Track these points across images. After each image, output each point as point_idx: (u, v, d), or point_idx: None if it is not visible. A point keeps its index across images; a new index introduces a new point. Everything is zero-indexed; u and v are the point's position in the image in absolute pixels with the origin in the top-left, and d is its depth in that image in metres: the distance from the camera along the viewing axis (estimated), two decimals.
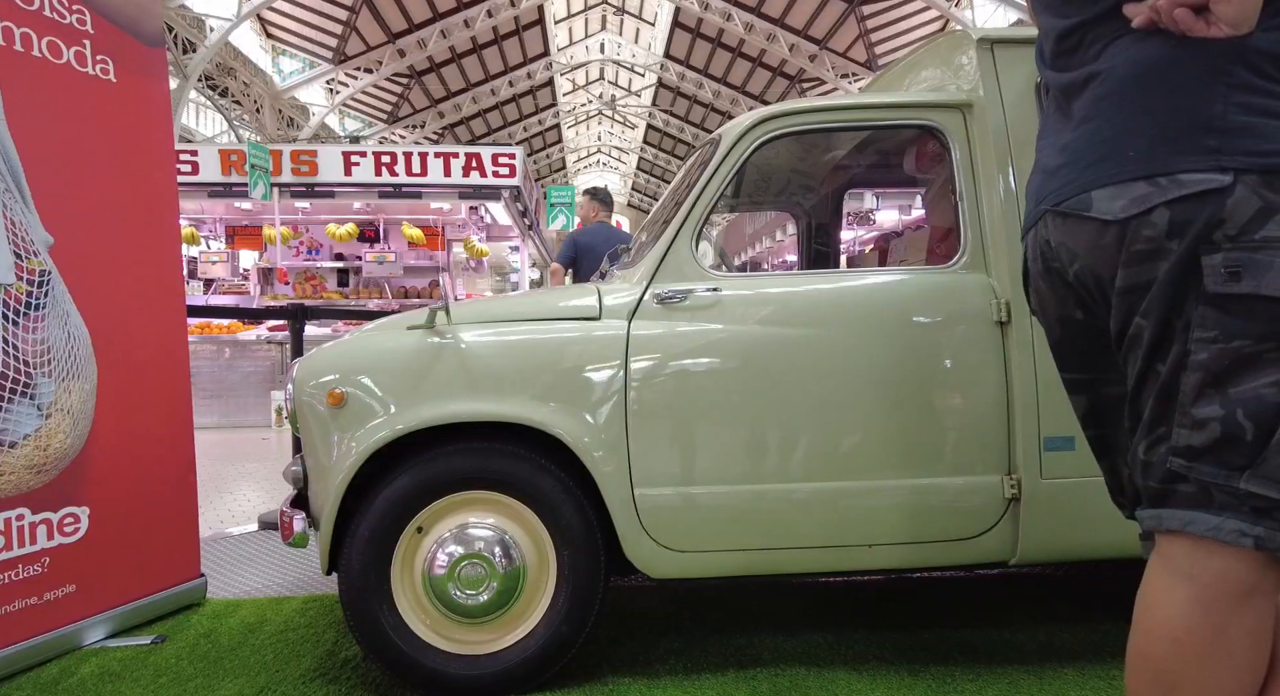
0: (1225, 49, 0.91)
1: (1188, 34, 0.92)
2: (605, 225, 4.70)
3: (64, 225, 2.02)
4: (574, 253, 4.54)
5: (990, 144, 1.84)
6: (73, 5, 2.07)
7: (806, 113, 1.89)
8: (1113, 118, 1.00)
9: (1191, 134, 0.92)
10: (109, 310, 2.11)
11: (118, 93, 2.17)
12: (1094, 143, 1.02)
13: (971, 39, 1.88)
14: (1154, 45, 0.95)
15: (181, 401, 2.31)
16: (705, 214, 1.84)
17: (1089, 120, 1.03)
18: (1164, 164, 0.92)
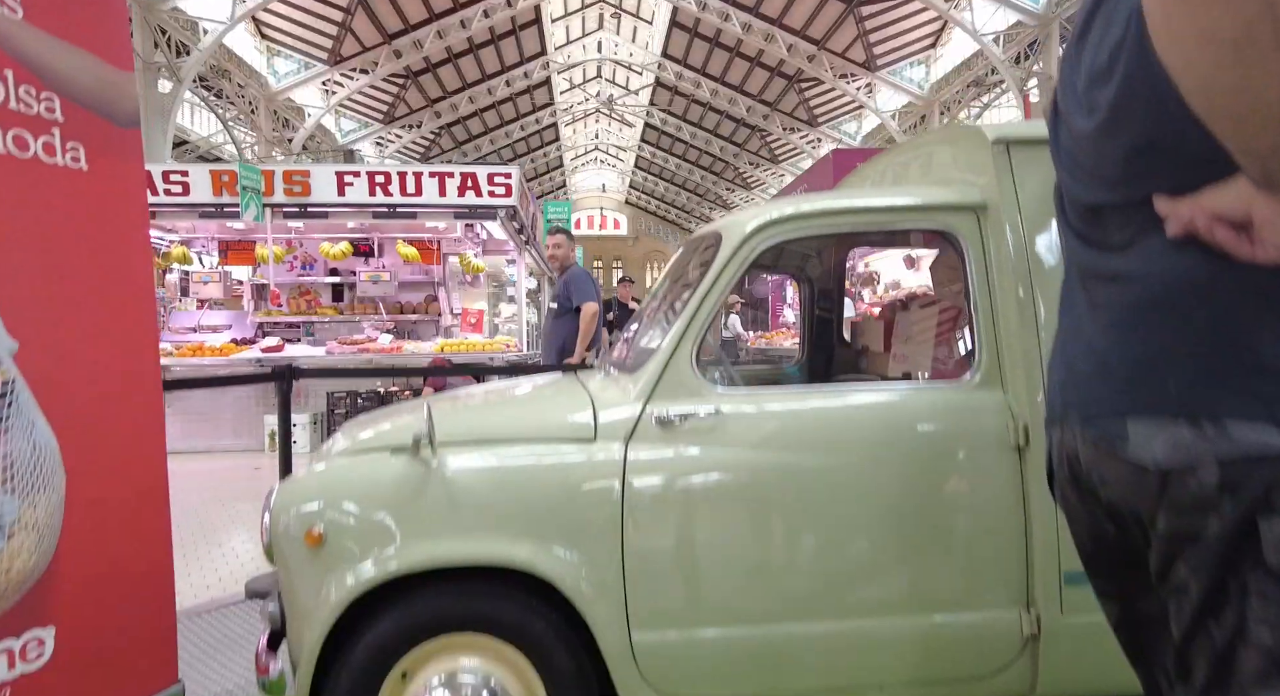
0: (1275, 274, 0.82)
1: (1231, 255, 0.82)
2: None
3: (30, 328, 1.91)
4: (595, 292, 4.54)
5: (1007, 250, 1.75)
6: (41, 94, 1.96)
7: (813, 217, 1.80)
8: (1147, 334, 0.90)
9: (1239, 373, 0.83)
10: (79, 413, 2.01)
11: (89, 180, 2.06)
12: (1126, 358, 0.92)
13: (985, 138, 1.78)
14: (1192, 257, 0.86)
15: (157, 502, 2.21)
16: (706, 323, 1.75)
17: (1120, 327, 0.94)
18: (1209, 406, 0.83)
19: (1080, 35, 1.05)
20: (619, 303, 8.06)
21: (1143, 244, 0.92)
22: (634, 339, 2.18)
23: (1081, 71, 1.00)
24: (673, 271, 2.37)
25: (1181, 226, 0.85)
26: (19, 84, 1.91)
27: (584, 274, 4.54)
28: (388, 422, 1.92)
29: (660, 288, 2.42)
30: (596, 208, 48.69)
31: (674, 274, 2.32)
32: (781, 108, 27.32)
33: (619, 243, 49.23)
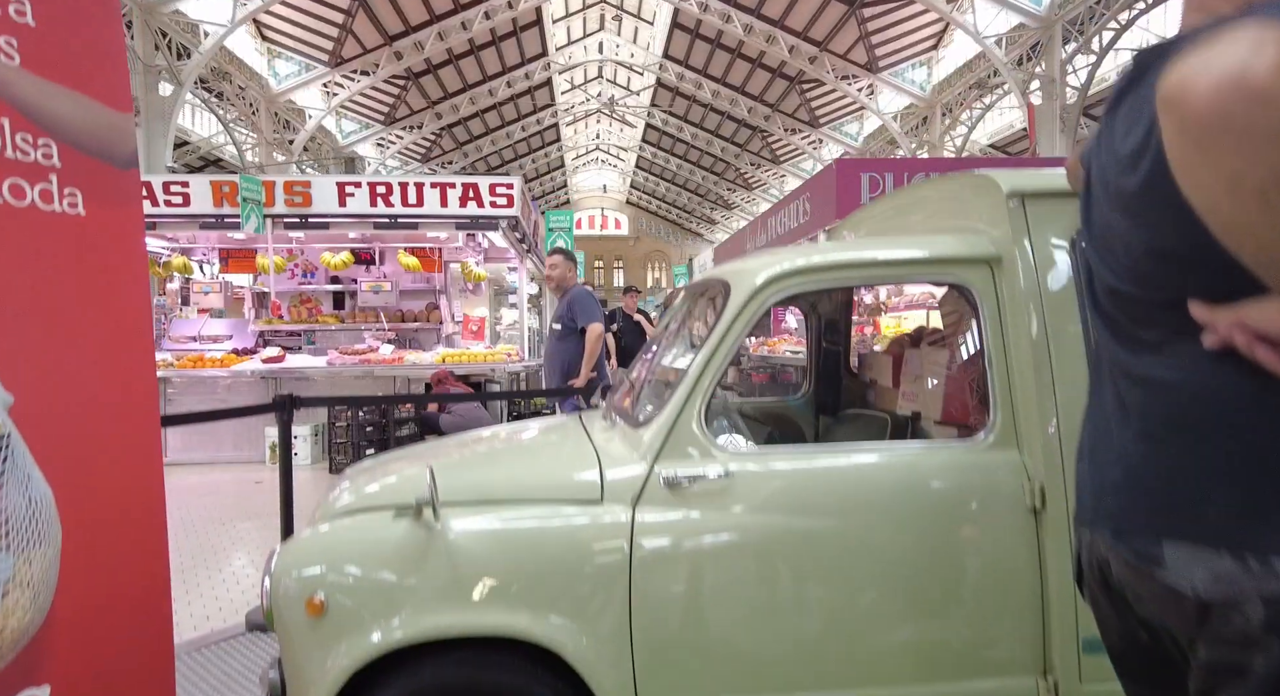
0: None
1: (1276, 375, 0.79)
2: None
3: (26, 379, 1.88)
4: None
5: (1021, 304, 1.71)
6: (39, 140, 1.92)
7: (824, 270, 1.76)
8: (1183, 452, 0.86)
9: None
10: (76, 464, 1.98)
11: (87, 226, 2.03)
12: (1161, 475, 0.89)
13: (999, 189, 1.75)
14: (1232, 373, 0.82)
15: (158, 554, 2.17)
16: (715, 380, 1.71)
17: (1153, 440, 0.90)
18: (1254, 540, 0.79)
19: (1112, 108, 1.01)
20: (623, 314, 7.99)
21: (1177, 348, 0.88)
22: (640, 384, 2.14)
23: (1112, 151, 0.96)
24: (677, 313, 2.34)
25: (1219, 341, 0.81)
26: (15, 131, 1.88)
27: (587, 294, 4.49)
28: (393, 474, 1.89)
29: (665, 328, 2.39)
30: (597, 208, 48.64)
31: (679, 316, 2.29)
32: (783, 109, 27.26)
33: (620, 243, 49.18)
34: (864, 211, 2.56)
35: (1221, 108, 0.67)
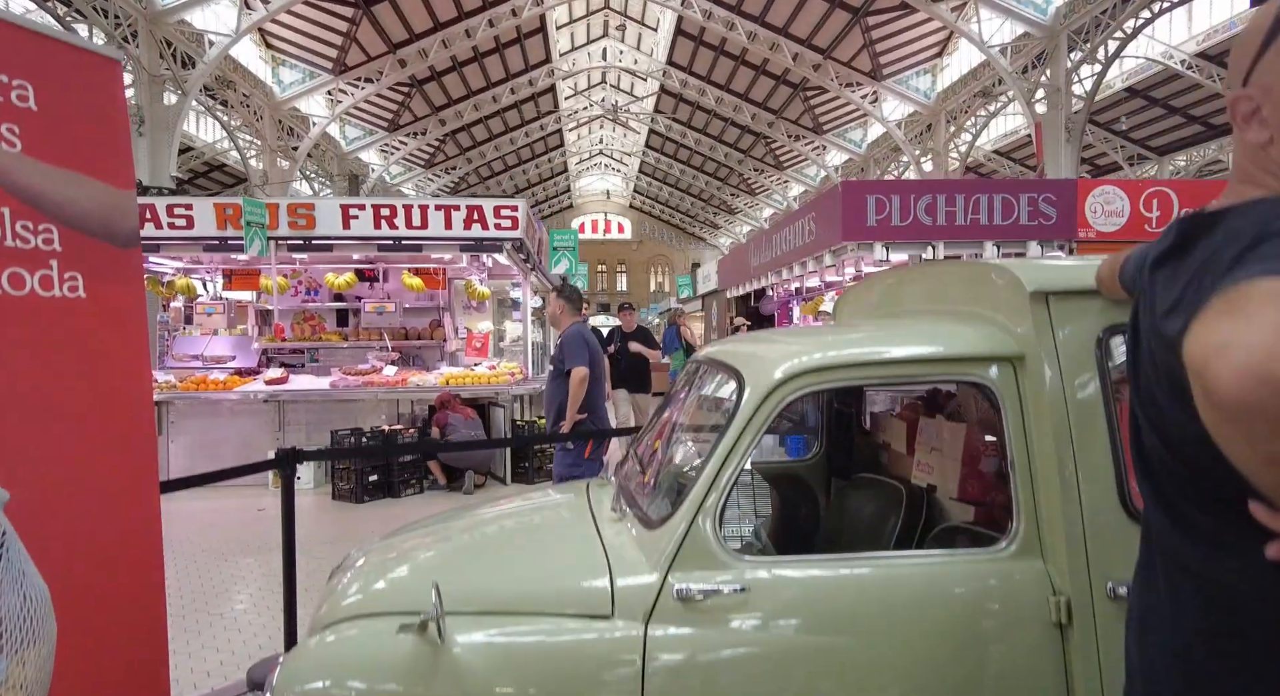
0: None
1: None
2: (584, 325, 4.58)
3: (23, 472, 1.84)
4: (590, 354, 4.39)
5: (1046, 405, 1.66)
6: (39, 226, 1.89)
7: (843, 368, 1.72)
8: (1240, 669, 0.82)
9: None
10: (74, 559, 1.94)
11: (88, 308, 1.99)
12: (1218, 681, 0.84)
13: (1023, 286, 1.70)
14: None
15: (155, 630, 2.14)
16: (729, 484, 1.67)
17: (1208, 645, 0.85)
18: None
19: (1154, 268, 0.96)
20: (621, 332, 7.88)
21: (1235, 546, 0.83)
22: (649, 464, 2.09)
23: (1155, 329, 0.92)
24: (685, 391, 2.30)
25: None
26: (15, 220, 1.84)
27: (576, 333, 4.43)
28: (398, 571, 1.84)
29: (674, 406, 2.35)
30: (600, 212, 48.62)
31: (687, 396, 2.24)
32: (786, 115, 27.23)
33: (623, 247, 49.16)
34: (878, 280, 2.51)
35: (1251, 398, 0.65)
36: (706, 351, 2.40)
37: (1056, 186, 7.84)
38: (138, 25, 15.47)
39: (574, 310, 4.56)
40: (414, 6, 19.66)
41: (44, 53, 1.92)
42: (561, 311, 4.52)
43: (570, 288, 4.68)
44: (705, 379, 2.17)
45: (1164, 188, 7.69)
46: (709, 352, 2.30)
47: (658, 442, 2.25)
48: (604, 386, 4.60)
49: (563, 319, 4.51)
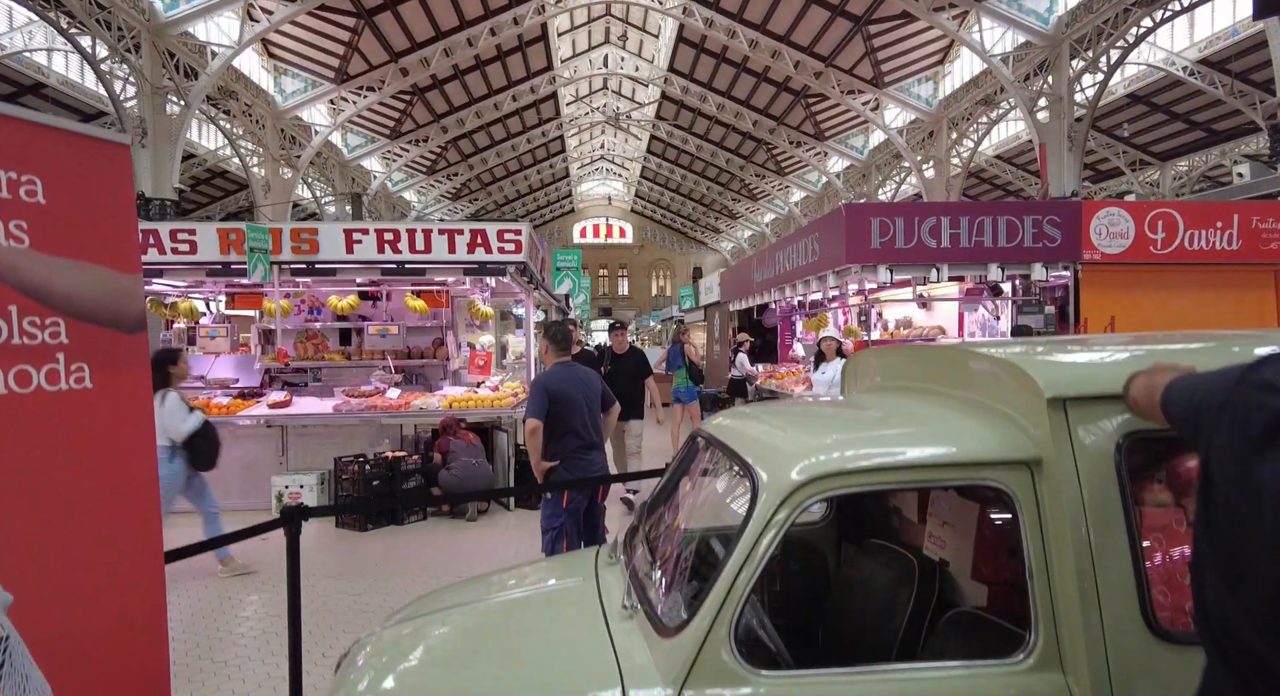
0: None
1: None
2: (568, 367, 4.42)
3: (29, 569, 1.83)
4: (547, 403, 4.24)
5: (1064, 510, 1.64)
6: (47, 320, 1.87)
7: (860, 473, 1.70)
8: None
9: None
10: (79, 650, 1.93)
11: (94, 398, 1.98)
12: None
13: (1040, 391, 1.68)
14: None
15: None
16: (744, 597, 1.65)
17: None
18: None
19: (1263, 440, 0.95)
20: (612, 354, 7.54)
21: None
22: (662, 564, 2.06)
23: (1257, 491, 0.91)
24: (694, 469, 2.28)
25: None
26: (23, 317, 1.83)
27: (537, 382, 4.33)
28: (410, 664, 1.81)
29: (683, 485, 2.33)
30: (602, 216, 48.61)
31: (696, 476, 2.22)
32: (788, 122, 27.21)
33: (624, 251, 49.15)
34: (891, 352, 2.49)
35: None
36: (715, 425, 2.38)
37: (1061, 208, 7.83)
38: (141, 37, 15.48)
39: (559, 351, 4.45)
40: (416, 15, 19.67)
41: (53, 144, 1.91)
42: (545, 351, 4.48)
43: (556, 328, 4.55)
44: (716, 464, 2.15)
45: (1169, 209, 7.67)
46: (718, 430, 2.28)
47: (669, 525, 2.23)
48: (587, 427, 4.30)
49: (547, 358, 4.47)
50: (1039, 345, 2.29)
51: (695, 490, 2.28)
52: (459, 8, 19.96)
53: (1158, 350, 2.14)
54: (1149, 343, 2.25)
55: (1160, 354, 2.09)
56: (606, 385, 4.60)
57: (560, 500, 4.15)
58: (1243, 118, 19.52)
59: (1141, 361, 1.95)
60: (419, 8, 19.32)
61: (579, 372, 4.40)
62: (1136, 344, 2.19)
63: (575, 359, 6.24)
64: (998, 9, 17.42)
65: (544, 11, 21.25)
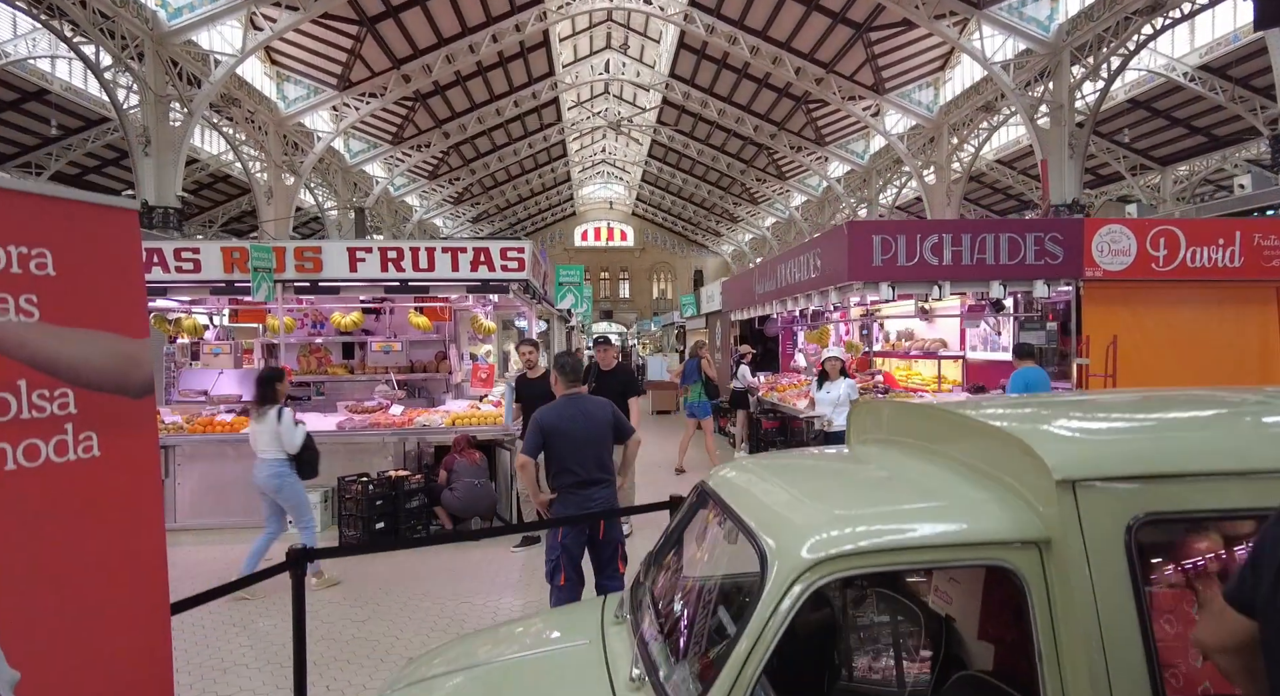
0: None
1: None
2: (573, 400, 4.29)
3: (35, 649, 1.83)
4: (541, 439, 4.15)
5: (1073, 592, 1.65)
6: (56, 391, 1.88)
7: (873, 554, 1.70)
8: None
9: None
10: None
11: (102, 465, 1.99)
12: None
13: (1049, 472, 1.68)
14: None
15: None
16: (754, 681, 1.65)
17: None
18: None
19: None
20: (598, 370, 7.07)
21: None
22: (670, 632, 2.06)
23: None
24: (699, 526, 2.28)
25: None
26: (32, 390, 1.84)
27: (533, 419, 4.22)
28: None
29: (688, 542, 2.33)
30: (603, 220, 48.62)
31: (702, 536, 2.22)
32: (789, 127, 27.23)
33: (625, 254, 49.17)
34: (901, 408, 2.48)
35: None
36: (721, 481, 2.37)
37: (1063, 226, 7.82)
38: (144, 46, 15.51)
39: (568, 382, 4.36)
40: (418, 23, 19.70)
41: (63, 216, 1.92)
42: (555, 382, 4.43)
43: (566, 358, 4.45)
44: (724, 526, 2.15)
45: (1170, 227, 7.66)
46: (724, 488, 2.27)
47: (676, 587, 2.23)
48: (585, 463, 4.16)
49: (557, 389, 4.40)
50: (1045, 409, 2.29)
51: (702, 551, 2.28)
52: (461, 15, 19.99)
53: (1168, 418, 2.14)
54: (1158, 408, 2.25)
55: (1171, 422, 2.09)
56: (619, 412, 4.40)
57: (556, 535, 4.13)
58: (1243, 123, 19.52)
59: (1150, 434, 1.95)
60: (421, 15, 19.34)
61: (585, 406, 4.26)
62: (1144, 408, 2.19)
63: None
64: (999, 17, 17.43)
65: (546, 18, 21.26)
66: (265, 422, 5.47)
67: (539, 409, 4.35)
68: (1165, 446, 1.79)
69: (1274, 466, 1.69)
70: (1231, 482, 1.68)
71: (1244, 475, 1.68)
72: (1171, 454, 1.75)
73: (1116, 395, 2.64)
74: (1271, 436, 1.84)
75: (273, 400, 5.50)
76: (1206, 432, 1.90)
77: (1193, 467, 1.69)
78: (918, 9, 17.51)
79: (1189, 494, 1.67)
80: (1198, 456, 1.73)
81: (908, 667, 2.35)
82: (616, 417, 4.32)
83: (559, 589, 4.12)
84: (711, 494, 2.35)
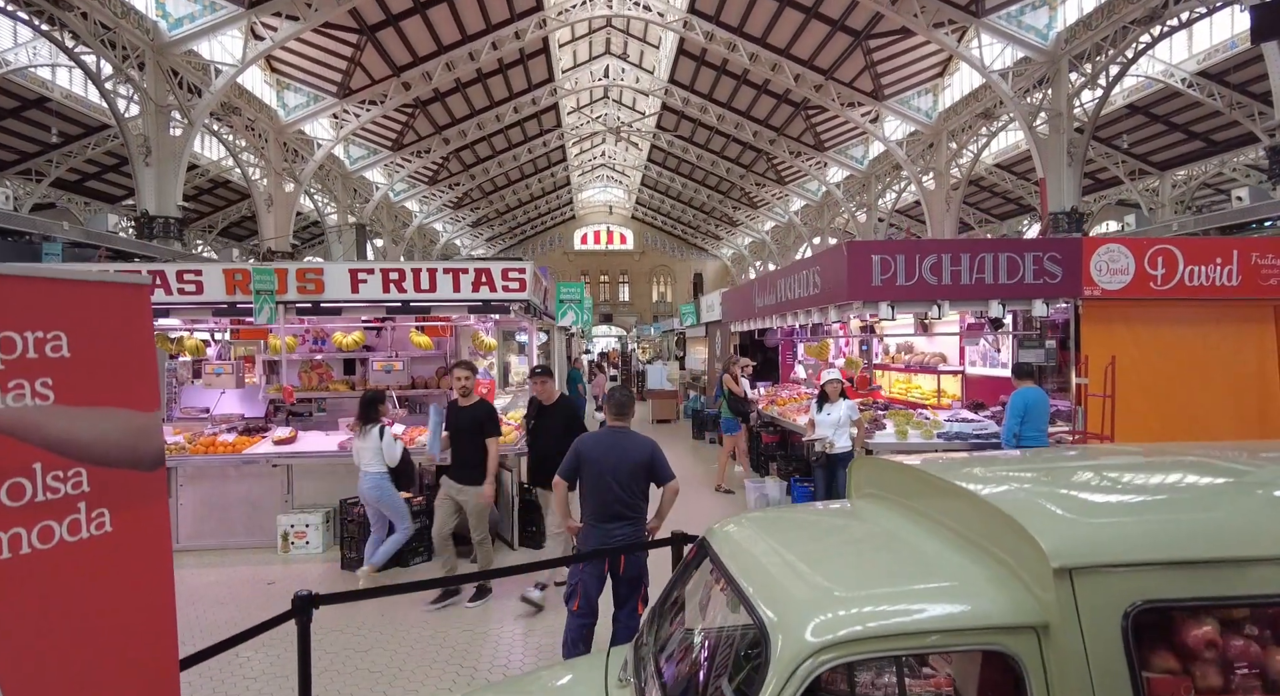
0: None
1: None
2: (614, 433, 4.33)
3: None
4: (577, 463, 4.28)
5: (1070, 677, 1.68)
6: (69, 471, 1.91)
7: (877, 639, 1.73)
8: None
9: None
10: None
11: (114, 541, 2.01)
12: None
13: (1046, 559, 1.71)
14: None
15: None
16: None
17: None
18: None
19: None
20: (538, 405, 6.38)
21: None
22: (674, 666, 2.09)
23: None
24: (701, 602, 2.31)
25: None
26: (47, 472, 1.86)
27: (574, 445, 4.37)
28: None
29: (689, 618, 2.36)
30: (603, 224, 48.64)
31: (704, 611, 2.25)
32: (788, 133, 27.27)
33: (625, 257, 49.20)
34: (902, 474, 2.50)
35: None
36: (722, 543, 2.40)
37: (1061, 245, 7.85)
38: (145, 56, 15.53)
39: (614, 415, 4.44)
40: (418, 31, 19.74)
41: (77, 297, 1.95)
42: (605, 410, 4.53)
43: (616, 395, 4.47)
44: (726, 592, 2.17)
45: (1168, 246, 7.69)
46: (724, 551, 2.30)
47: (679, 654, 2.26)
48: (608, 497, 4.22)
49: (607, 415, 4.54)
50: (1043, 478, 2.31)
51: (705, 613, 2.31)
52: (460, 22, 20.02)
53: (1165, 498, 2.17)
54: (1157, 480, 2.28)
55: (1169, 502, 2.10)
56: (660, 456, 4.28)
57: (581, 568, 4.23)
58: (1241, 128, 19.57)
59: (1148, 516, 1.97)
60: (421, 23, 19.38)
61: (624, 441, 4.29)
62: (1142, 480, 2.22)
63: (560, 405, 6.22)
64: (997, 25, 17.48)
65: (545, 25, 21.29)
66: (368, 439, 6.15)
67: (583, 435, 4.46)
68: (1162, 531, 1.82)
69: (1269, 554, 1.72)
70: (1228, 570, 1.71)
71: (1240, 563, 1.72)
72: (1168, 540, 1.78)
73: (1115, 457, 2.66)
74: (1266, 521, 1.87)
75: (374, 420, 6.17)
76: (1204, 515, 1.93)
77: (1188, 555, 1.72)
78: (916, 17, 17.55)
79: (1186, 581, 1.71)
80: (1194, 544, 1.76)
81: None
82: (655, 459, 4.27)
83: (572, 614, 4.22)
84: (712, 554, 2.38)
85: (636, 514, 4.26)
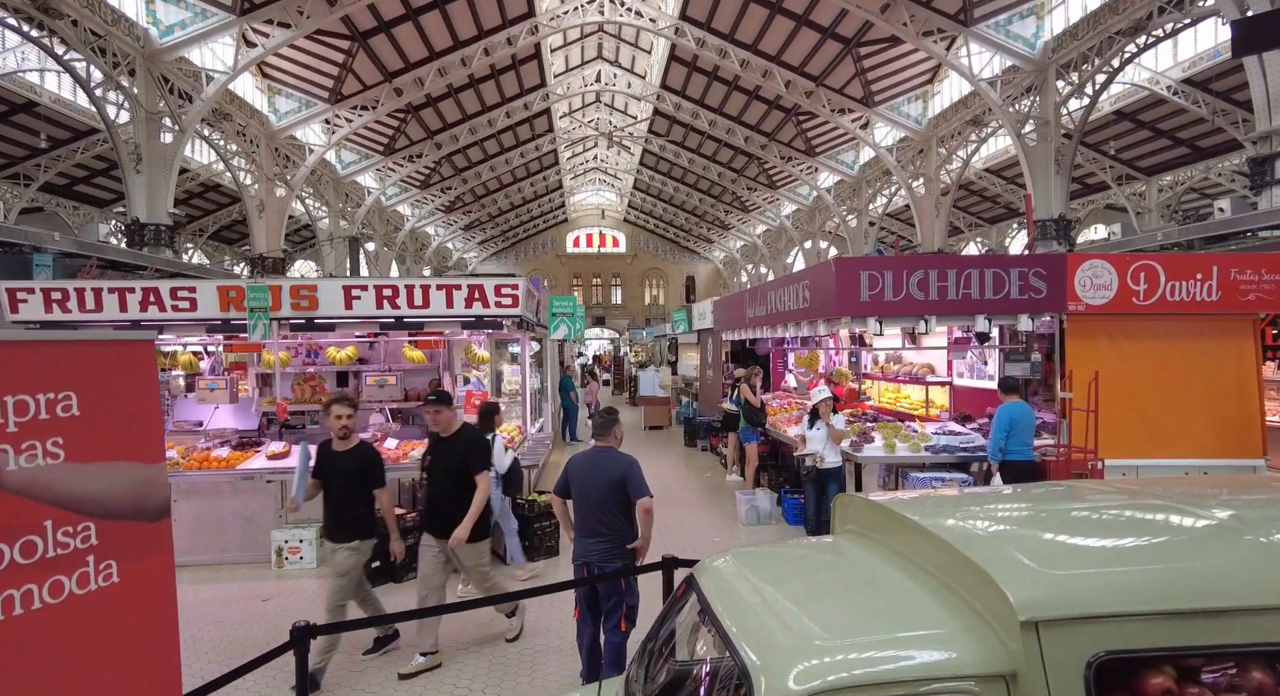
0: None
1: None
2: (598, 452, 4.53)
3: None
4: (566, 481, 4.56)
5: None
6: (79, 527, 1.98)
7: (857, 689, 1.81)
8: None
9: None
10: None
11: (121, 591, 2.08)
12: None
13: (1014, 612, 1.80)
14: None
15: None
16: None
17: None
18: None
19: None
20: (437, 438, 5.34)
21: None
22: None
23: None
24: (688, 642, 2.39)
25: None
26: (57, 529, 1.94)
27: (568, 466, 4.59)
28: None
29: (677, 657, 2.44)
30: (595, 226, 48.69)
31: (691, 652, 2.33)
32: (779, 138, 27.40)
33: (617, 260, 49.25)
34: (883, 517, 2.58)
35: None
36: (710, 580, 2.48)
37: (1046, 261, 7.98)
38: (135, 63, 15.51)
39: (598, 435, 4.62)
40: (410, 37, 19.76)
41: (86, 357, 2.02)
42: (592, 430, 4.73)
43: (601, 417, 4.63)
44: (711, 634, 2.26)
45: (1150, 261, 7.83)
46: (710, 591, 2.38)
47: (670, 687, 2.34)
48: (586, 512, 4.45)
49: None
50: (1019, 521, 2.41)
51: (692, 655, 2.39)
52: (453, 28, 20.05)
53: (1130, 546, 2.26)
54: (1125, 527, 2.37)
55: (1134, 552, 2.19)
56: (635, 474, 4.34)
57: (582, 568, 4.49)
58: (1226, 135, 19.81)
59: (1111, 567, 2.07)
60: (413, 29, 19.40)
61: (602, 459, 4.47)
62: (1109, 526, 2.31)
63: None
64: (986, 34, 17.66)
65: (538, 31, 21.35)
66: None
67: (574, 454, 4.68)
68: (1125, 583, 1.91)
69: (1225, 605, 1.82)
70: (1186, 621, 1.81)
71: (1196, 614, 1.82)
72: (1130, 592, 1.87)
73: (1092, 498, 2.76)
74: (1225, 573, 1.97)
75: (489, 430, 6.55)
76: (1166, 567, 2.02)
77: (1148, 608, 1.82)
78: (905, 26, 17.70)
79: (1146, 632, 1.80)
80: (1154, 596, 1.86)
81: None
82: (629, 476, 4.37)
83: (575, 620, 4.61)
84: (699, 592, 2.46)
85: (611, 531, 4.42)
